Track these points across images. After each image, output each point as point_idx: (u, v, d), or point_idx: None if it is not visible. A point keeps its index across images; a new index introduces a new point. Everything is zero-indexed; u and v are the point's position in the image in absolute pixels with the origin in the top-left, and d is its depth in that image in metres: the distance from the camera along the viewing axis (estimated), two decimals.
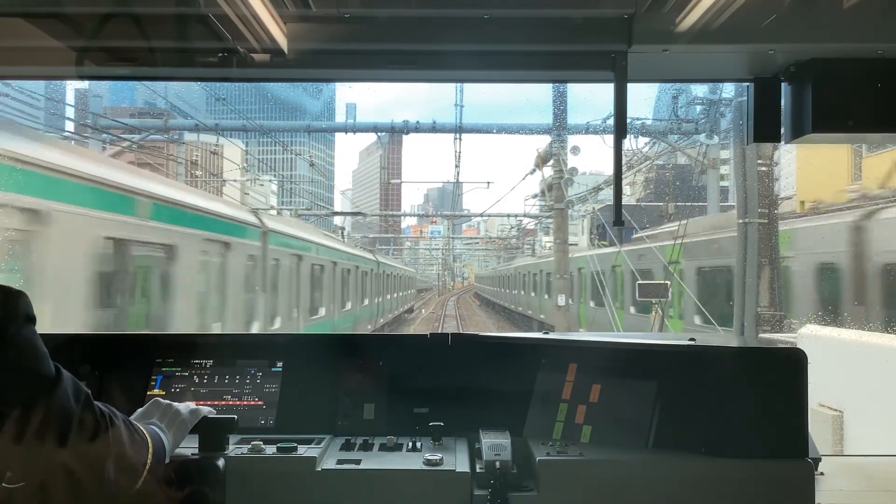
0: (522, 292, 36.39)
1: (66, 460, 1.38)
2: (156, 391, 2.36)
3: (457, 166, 25.82)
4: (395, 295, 36.84)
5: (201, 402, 2.15)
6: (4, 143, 6.32)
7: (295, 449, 2.03)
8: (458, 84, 16.28)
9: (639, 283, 14.18)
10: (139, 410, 1.85)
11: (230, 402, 2.35)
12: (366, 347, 2.53)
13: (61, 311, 6.98)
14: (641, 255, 17.39)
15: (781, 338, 8.36)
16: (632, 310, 18.34)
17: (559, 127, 18.59)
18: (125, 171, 9.36)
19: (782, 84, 2.30)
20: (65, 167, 7.07)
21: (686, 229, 13.64)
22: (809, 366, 1.96)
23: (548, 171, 19.95)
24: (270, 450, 2.03)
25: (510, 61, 2.30)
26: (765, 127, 2.35)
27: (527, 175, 22.96)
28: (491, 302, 62.46)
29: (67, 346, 2.39)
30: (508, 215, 39.11)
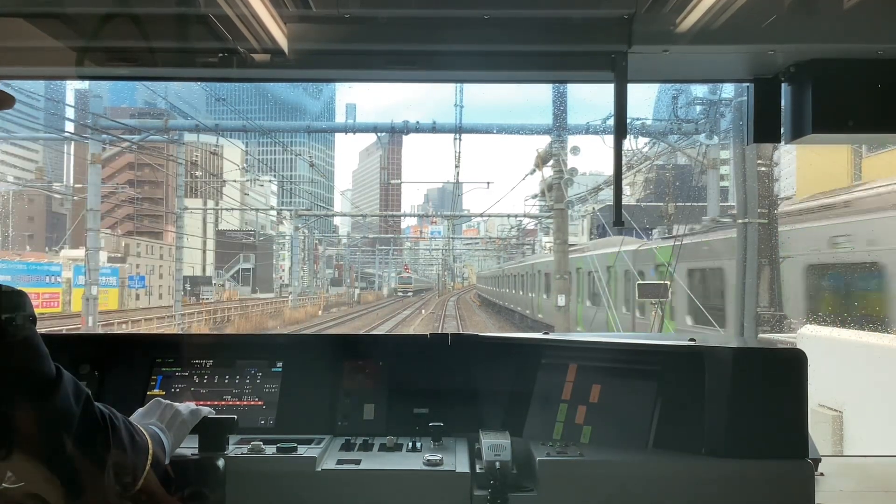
0: (545, 296, 29.21)
1: (66, 461, 1.38)
2: (156, 391, 2.36)
3: (457, 166, 25.92)
4: None
5: (201, 403, 2.15)
6: None
7: (295, 449, 2.03)
8: (458, 84, 16.32)
9: (638, 284, 14.18)
10: (139, 410, 1.85)
11: (230, 403, 2.35)
12: (366, 347, 2.52)
13: None
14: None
15: (781, 338, 8.36)
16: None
17: (559, 127, 18.63)
18: None
19: (782, 84, 2.30)
20: None
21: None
22: (809, 366, 1.96)
23: (548, 172, 19.99)
24: (270, 450, 2.03)
25: (510, 61, 2.30)
26: (765, 127, 2.35)
27: (527, 175, 23.03)
28: (491, 303, 54.36)
29: (68, 347, 2.40)
30: (508, 215, 39.22)
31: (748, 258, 10.36)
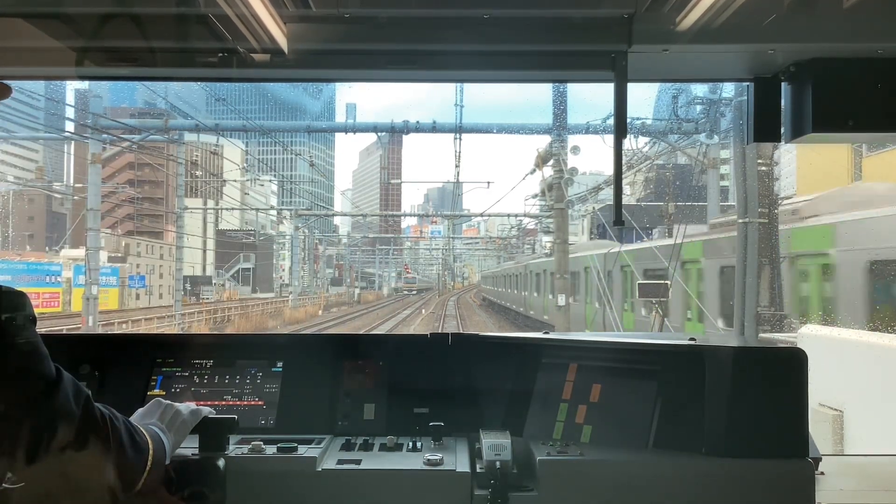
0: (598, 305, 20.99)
1: (66, 462, 1.39)
2: (156, 391, 2.36)
3: (457, 166, 25.96)
4: None
5: (201, 403, 2.15)
6: None
7: (295, 449, 2.03)
8: (459, 84, 16.31)
9: (639, 284, 14.16)
10: (139, 410, 1.85)
11: (230, 402, 2.35)
12: (366, 347, 2.53)
13: None
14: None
15: (781, 337, 8.35)
16: None
17: (559, 127, 18.64)
18: None
19: (782, 84, 2.30)
20: None
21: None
22: (809, 365, 1.96)
23: (548, 171, 20.00)
24: (271, 450, 2.03)
25: (510, 61, 2.30)
26: (765, 126, 2.34)
27: (527, 175, 23.07)
28: (504, 310, 43.03)
29: (68, 346, 2.40)
30: (509, 215, 39.25)
31: (748, 257, 10.35)
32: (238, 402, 2.35)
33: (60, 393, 1.37)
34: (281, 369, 2.41)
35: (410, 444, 2.16)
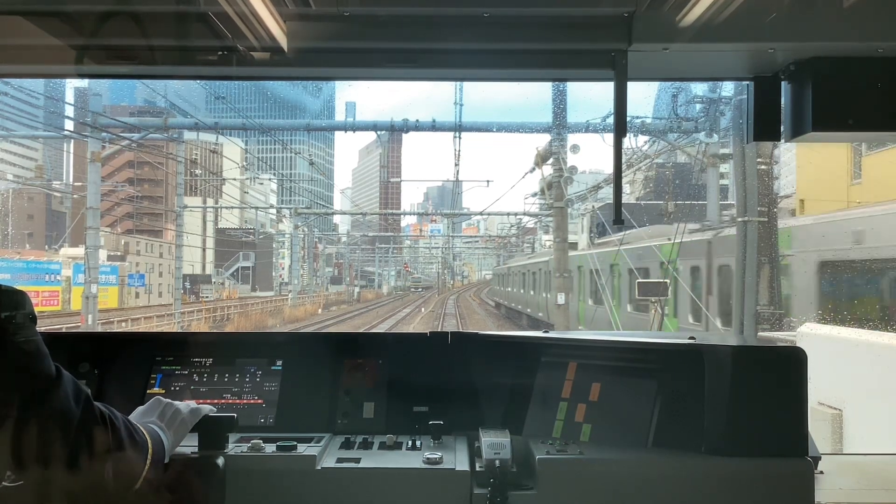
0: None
1: (65, 460, 1.39)
2: (156, 390, 2.36)
3: (456, 165, 25.99)
4: None
5: (201, 401, 2.14)
6: None
7: (295, 447, 2.03)
8: (458, 83, 16.31)
9: (638, 282, 14.18)
10: (139, 409, 1.84)
11: (230, 401, 2.35)
12: (365, 346, 2.52)
13: None
14: None
15: (781, 336, 8.35)
16: None
17: (559, 125, 18.63)
18: None
19: (782, 83, 2.30)
20: None
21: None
22: (809, 364, 1.96)
23: (547, 170, 19.99)
24: (270, 448, 2.03)
25: (510, 60, 2.30)
26: (765, 125, 2.35)
27: (526, 174, 23.07)
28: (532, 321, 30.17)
29: (67, 345, 2.40)
30: (508, 214, 39.22)
31: (748, 256, 10.37)
32: (237, 401, 2.35)
33: (60, 392, 1.38)
34: (280, 368, 2.41)
35: (410, 442, 2.16)
